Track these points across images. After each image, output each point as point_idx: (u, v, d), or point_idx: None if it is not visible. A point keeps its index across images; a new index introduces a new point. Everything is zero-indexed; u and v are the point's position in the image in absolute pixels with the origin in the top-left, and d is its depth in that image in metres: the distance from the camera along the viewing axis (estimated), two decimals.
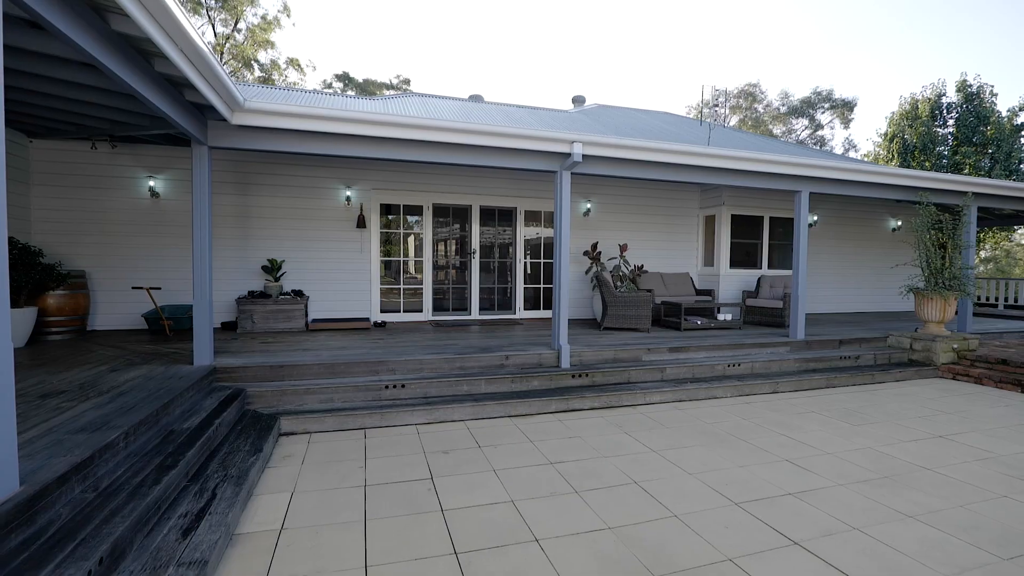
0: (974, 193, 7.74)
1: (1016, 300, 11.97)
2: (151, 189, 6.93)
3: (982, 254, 25.88)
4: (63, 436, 2.71)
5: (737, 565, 2.48)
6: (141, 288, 6.35)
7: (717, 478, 3.52)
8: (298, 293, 7.43)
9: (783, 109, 33.43)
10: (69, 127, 5.48)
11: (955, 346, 7.00)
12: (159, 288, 6.59)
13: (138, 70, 3.30)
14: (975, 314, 11.20)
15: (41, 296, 5.91)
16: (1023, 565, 2.50)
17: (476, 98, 11.83)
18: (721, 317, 8.25)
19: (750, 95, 33.92)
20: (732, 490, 3.33)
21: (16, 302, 5.28)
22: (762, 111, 34.16)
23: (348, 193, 7.79)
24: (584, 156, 5.59)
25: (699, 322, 7.83)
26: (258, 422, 4.13)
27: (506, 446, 4.10)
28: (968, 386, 6.40)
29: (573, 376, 5.53)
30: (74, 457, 2.44)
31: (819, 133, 33.31)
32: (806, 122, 33.34)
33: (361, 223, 7.82)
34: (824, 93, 32.02)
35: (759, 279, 9.12)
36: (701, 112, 13.33)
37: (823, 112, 32.81)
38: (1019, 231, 26.60)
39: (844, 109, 32.17)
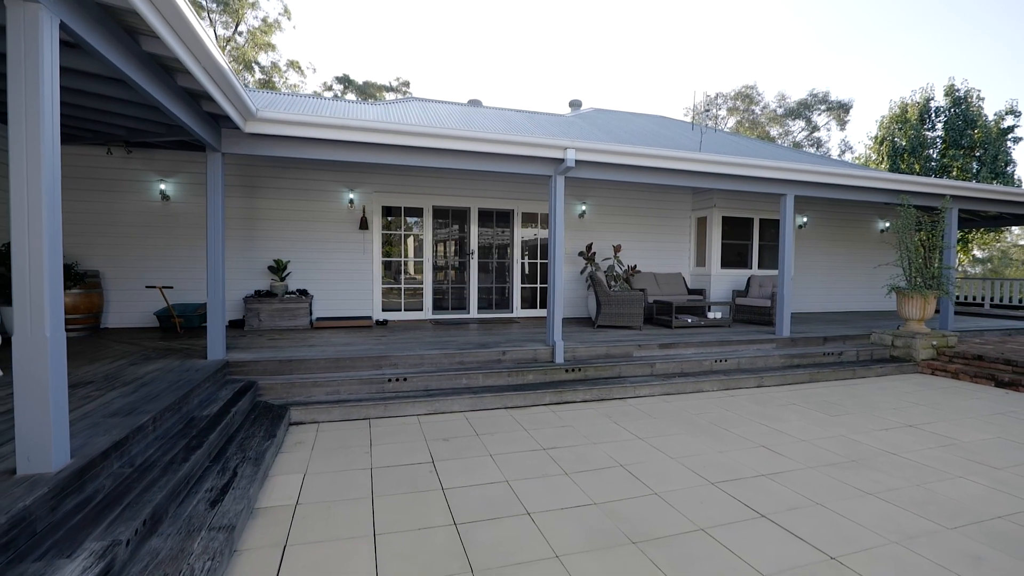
0: (952, 196, 8.04)
1: (1002, 300, 12.28)
2: (162, 192, 7.21)
3: (978, 255, 26.22)
4: (99, 419, 2.99)
5: (708, 533, 2.76)
6: (155, 287, 6.63)
7: (697, 462, 3.80)
8: (303, 292, 7.71)
9: (780, 111, 33.75)
10: (87, 134, 5.76)
11: (934, 343, 7.30)
12: (171, 287, 6.87)
13: (162, 84, 3.58)
14: (961, 313, 11.51)
15: None
16: (964, 533, 2.79)
17: (475, 103, 12.12)
18: (711, 315, 8.54)
19: (747, 97, 34.22)
20: (710, 472, 3.61)
21: None
22: (759, 113, 34.47)
23: (351, 196, 8.07)
24: (577, 161, 5.88)
25: (690, 320, 8.12)
26: (270, 412, 4.40)
27: (502, 434, 4.38)
28: (945, 381, 6.69)
29: (567, 371, 5.81)
30: (112, 436, 2.72)
31: (816, 135, 33.64)
32: (803, 124, 33.67)
33: (363, 225, 8.10)
34: (820, 95, 32.37)
35: (749, 279, 9.41)
36: (693, 117, 13.66)
37: (819, 114, 33.16)
38: (1015, 231, 26.97)
39: (840, 111, 32.52)
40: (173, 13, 2.84)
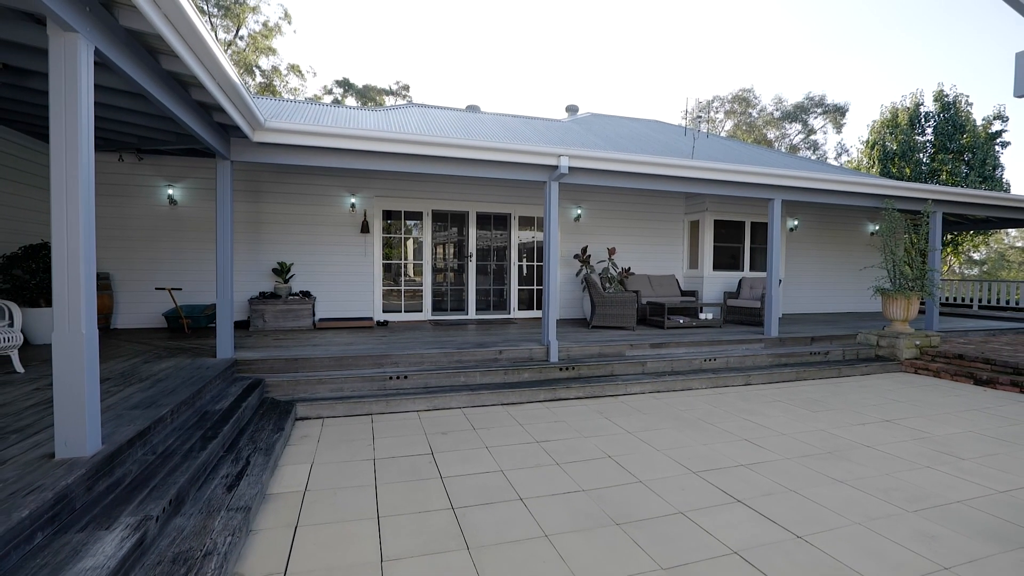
0: (934, 200, 8.29)
1: (991, 301, 12.53)
2: (170, 197, 7.44)
3: (976, 256, 26.49)
4: (122, 411, 3.22)
5: (686, 516, 2.99)
6: (164, 289, 6.85)
7: (681, 453, 4.03)
8: (306, 294, 7.94)
9: (777, 114, 34.06)
10: (102, 142, 5.99)
11: (918, 343, 7.54)
12: (180, 289, 7.09)
13: (177, 98, 3.81)
14: (950, 314, 11.76)
15: None
16: (923, 515, 3.02)
17: (473, 108, 12.36)
18: (703, 316, 8.77)
19: (744, 100, 34.52)
20: (693, 463, 3.84)
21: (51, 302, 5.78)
22: (756, 116, 34.77)
23: (353, 200, 8.31)
24: (570, 168, 6.11)
25: (682, 321, 8.35)
26: (277, 407, 4.63)
27: (498, 428, 4.60)
28: (926, 379, 6.93)
29: (561, 369, 6.04)
30: (136, 427, 2.95)
31: (812, 138, 33.96)
32: (799, 127, 33.98)
33: (365, 228, 8.34)
34: (817, 98, 32.67)
35: (740, 280, 9.65)
36: (686, 122, 13.96)
37: (816, 117, 33.48)
38: (1012, 234, 27.26)
39: (836, 114, 32.83)
40: (192, 35, 3.08)
